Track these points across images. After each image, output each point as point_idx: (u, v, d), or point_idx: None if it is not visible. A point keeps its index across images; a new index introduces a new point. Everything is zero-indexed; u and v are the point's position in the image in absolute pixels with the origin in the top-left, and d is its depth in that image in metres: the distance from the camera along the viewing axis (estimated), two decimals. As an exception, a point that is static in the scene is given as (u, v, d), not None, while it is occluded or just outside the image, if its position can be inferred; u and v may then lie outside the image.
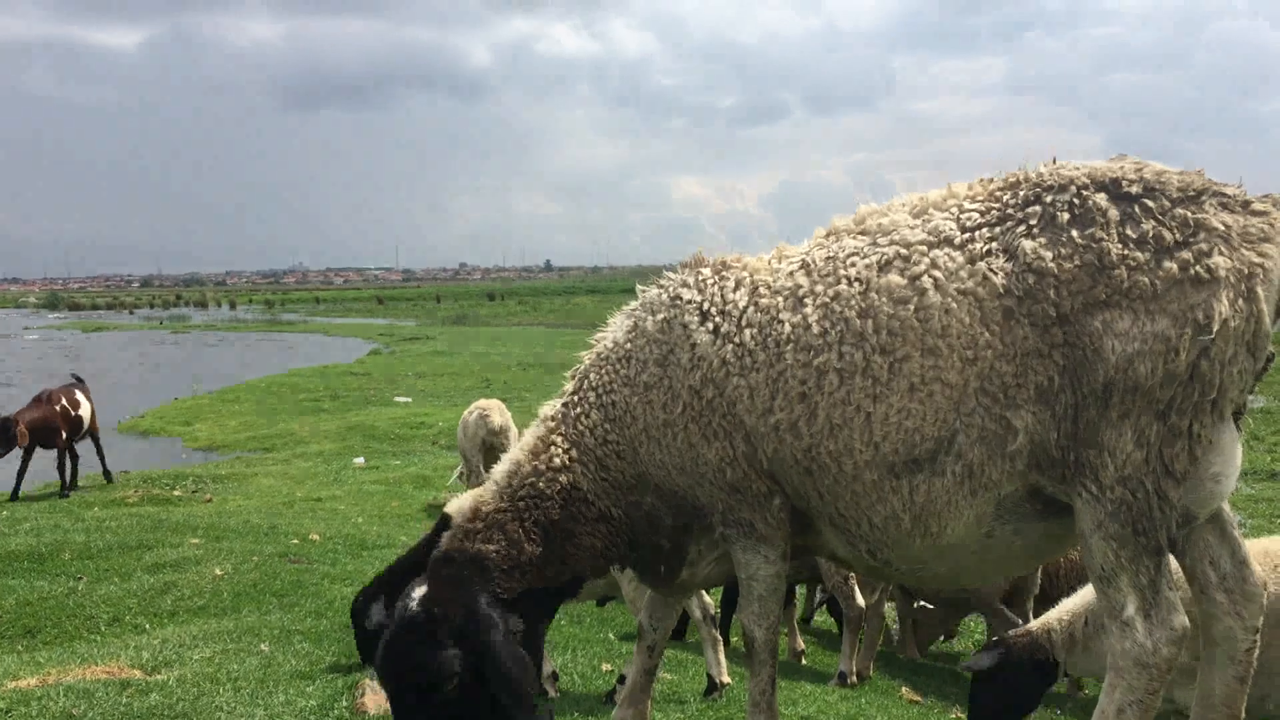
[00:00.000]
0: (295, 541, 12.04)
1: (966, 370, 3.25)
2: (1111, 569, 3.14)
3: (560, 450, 3.99)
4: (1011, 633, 5.23)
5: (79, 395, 17.09)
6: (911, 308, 3.33)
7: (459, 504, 6.13)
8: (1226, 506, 3.40)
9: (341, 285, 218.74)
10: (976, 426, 3.25)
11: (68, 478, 16.68)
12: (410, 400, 30.13)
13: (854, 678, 7.86)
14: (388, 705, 6.38)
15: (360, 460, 20.30)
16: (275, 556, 11.09)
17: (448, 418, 23.18)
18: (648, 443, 3.82)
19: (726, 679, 6.37)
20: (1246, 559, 3.35)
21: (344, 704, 6.41)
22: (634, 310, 4.03)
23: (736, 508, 3.72)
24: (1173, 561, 3.27)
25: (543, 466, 3.98)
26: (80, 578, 10.35)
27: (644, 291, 4.02)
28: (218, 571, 10.31)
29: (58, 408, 16.45)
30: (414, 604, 3.68)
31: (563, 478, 3.95)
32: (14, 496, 15.88)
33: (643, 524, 3.95)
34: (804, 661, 8.55)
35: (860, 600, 7.88)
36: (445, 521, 6.12)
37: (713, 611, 6.49)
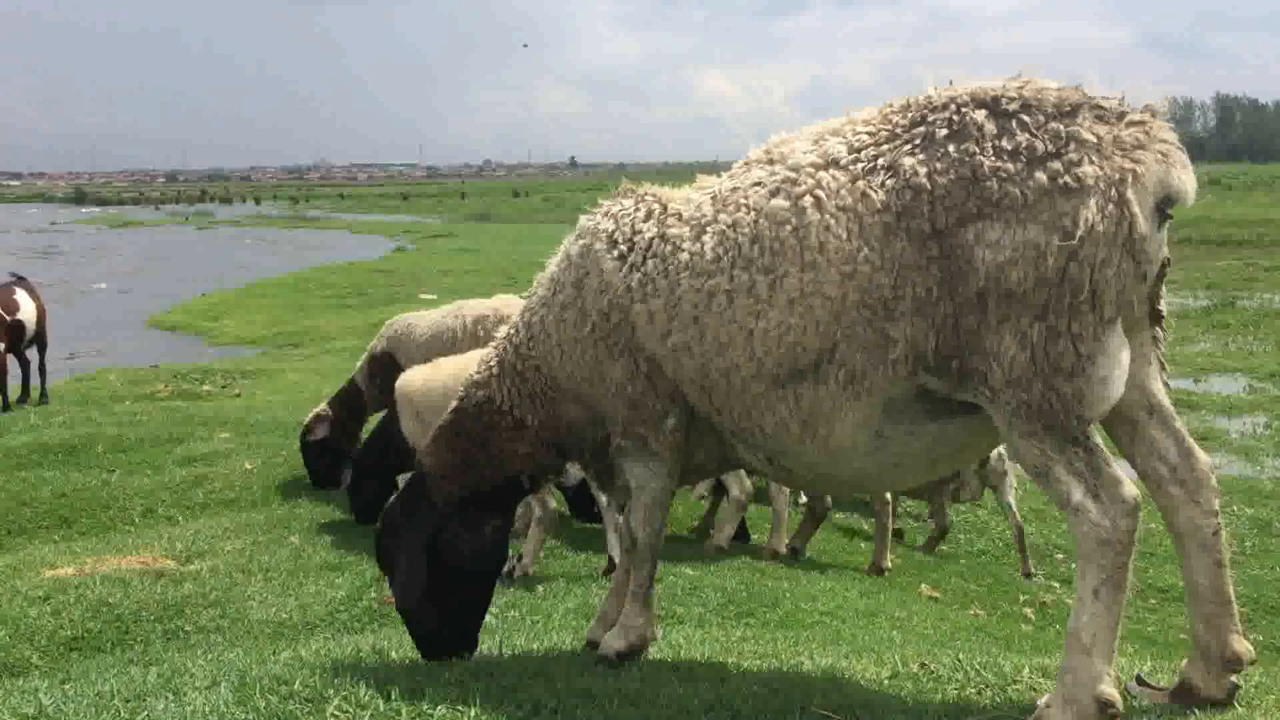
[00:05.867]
0: (323, 436, 12.17)
1: (845, 284, 3.40)
2: (1043, 463, 3.24)
3: (485, 367, 4.41)
4: None
5: (18, 297, 14.77)
6: (790, 227, 3.51)
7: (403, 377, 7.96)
8: (1166, 399, 3.49)
9: (365, 181, 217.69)
10: (857, 337, 3.41)
11: (22, 389, 15.03)
12: (435, 297, 30.14)
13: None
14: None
15: (386, 357, 20.40)
16: (304, 451, 11.23)
17: (473, 315, 23.24)
18: (560, 357, 4.13)
19: (530, 570, 7.26)
20: (1191, 448, 3.43)
21: (372, 595, 6.56)
22: (568, 239, 4.29)
23: (634, 423, 4.00)
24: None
25: (470, 382, 4.44)
26: (113, 470, 10.55)
27: (581, 220, 4.27)
28: (248, 465, 10.48)
29: None
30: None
31: (479, 392, 4.37)
32: None
33: (564, 431, 4.29)
34: (807, 553, 8.66)
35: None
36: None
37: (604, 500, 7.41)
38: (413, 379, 7.81)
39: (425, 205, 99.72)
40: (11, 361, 14.72)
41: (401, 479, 8.74)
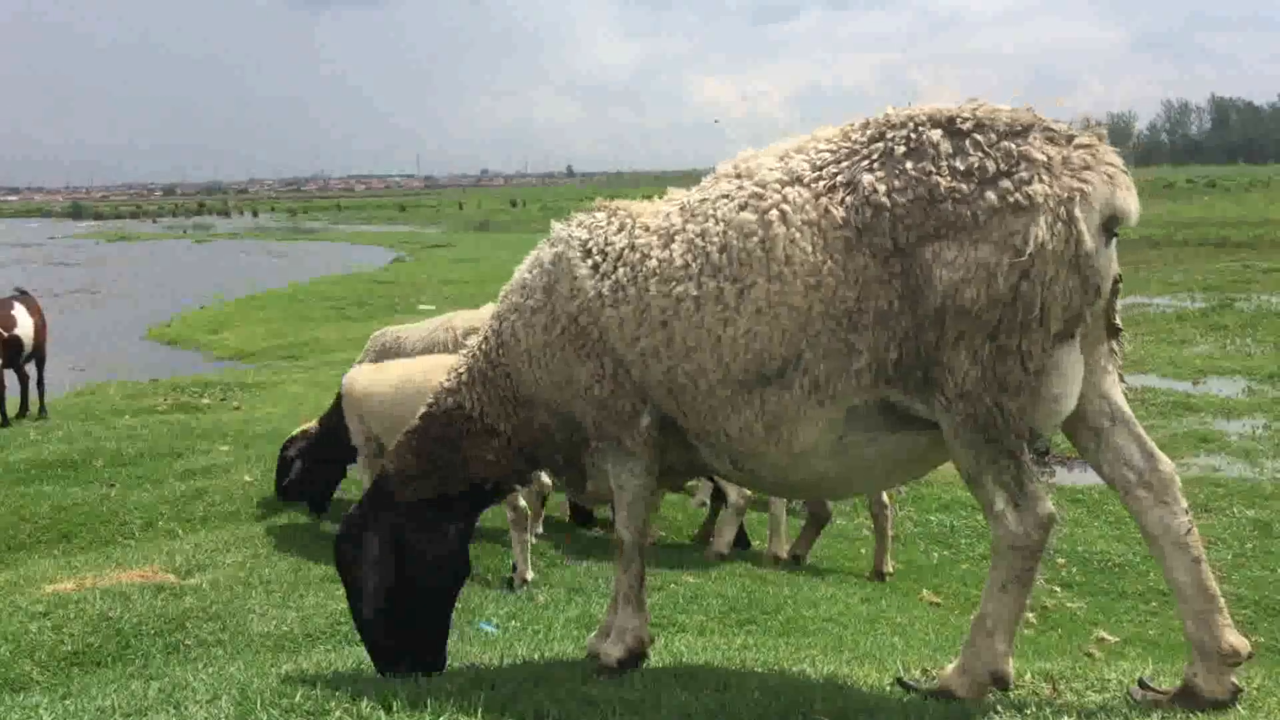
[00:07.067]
0: (323, 448, 12.14)
1: (810, 295, 3.52)
2: (976, 471, 3.44)
3: (455, 374, 4.47)
4: None
5: (16, 312, 14.69)
6: (757, 239, 3.62)
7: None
8: (1127, 406, 3.59)
9: (363, 192, 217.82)
10: (822, 346, 3.53)
11: (20, 404, 15.01)
12: (434, 308, 30.15)
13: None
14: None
15: (385, 367, 20.37)
16: (303, 463, 11.20)
17: (471, 325, 23.19)
18: (530, 362, 4.20)
19: (528, 575, 7.21)
20: (1154, 450, 3.54)
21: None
22: (539, 246, 4.37)
23: (604, 424, 4.07)
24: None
25: (440, 389, 4.49)
26: (113, 484, 10.52)
27: (554, 227, 4.36)
28: (248, 478, 10.46)
29: None
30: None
31: (449, 399, 4.43)
32: None
33: (536, 437, 4.35)
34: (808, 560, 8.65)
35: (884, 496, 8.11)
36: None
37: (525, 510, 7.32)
38: (356, 379, 7.84)
39: (424, 215, 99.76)
40: (10, 376, 14.72)
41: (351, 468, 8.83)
